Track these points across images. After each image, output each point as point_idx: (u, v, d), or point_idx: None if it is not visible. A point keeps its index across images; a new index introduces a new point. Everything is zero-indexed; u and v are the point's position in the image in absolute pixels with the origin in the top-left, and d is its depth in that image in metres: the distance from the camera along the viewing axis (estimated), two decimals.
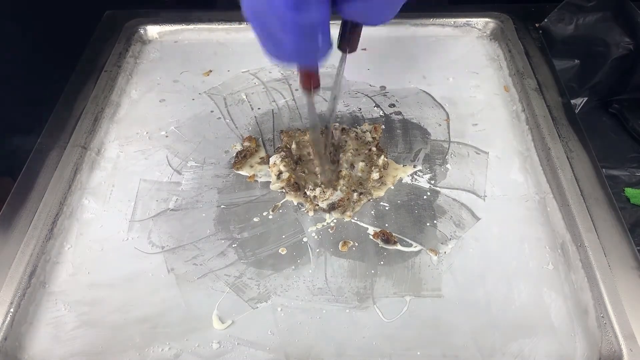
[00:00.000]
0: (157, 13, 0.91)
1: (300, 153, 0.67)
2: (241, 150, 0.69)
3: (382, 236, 0.60)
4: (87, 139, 0.69)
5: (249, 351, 0.51)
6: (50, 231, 0.59)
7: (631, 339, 0.49)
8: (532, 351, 0.51)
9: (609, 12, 0.82)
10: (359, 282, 0.56)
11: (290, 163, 0.65)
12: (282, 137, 0.70)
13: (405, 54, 0.85)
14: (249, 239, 0.61)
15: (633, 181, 0.79)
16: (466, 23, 0.89)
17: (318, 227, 0.62)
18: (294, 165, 0.65)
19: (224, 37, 0.89)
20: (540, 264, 0.58)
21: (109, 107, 0.75)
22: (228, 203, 0.64)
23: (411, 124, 0.74)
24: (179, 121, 0.75)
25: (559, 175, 0.63)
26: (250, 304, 0.55)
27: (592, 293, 0.53)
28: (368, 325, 0.53)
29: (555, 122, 0.70)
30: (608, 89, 0.88)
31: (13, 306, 0.53)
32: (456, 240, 0.60)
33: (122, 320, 0.54)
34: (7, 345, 0.51)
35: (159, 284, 0.56)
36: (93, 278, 0.57)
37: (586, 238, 0.56)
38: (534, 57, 0.80)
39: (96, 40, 0.86)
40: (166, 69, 0.84)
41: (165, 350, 0.51)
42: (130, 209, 0.63)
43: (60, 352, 0.51)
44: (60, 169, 0.65)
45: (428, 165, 0.68)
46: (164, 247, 0.60)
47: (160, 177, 0.67)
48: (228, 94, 0.80)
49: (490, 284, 0.56)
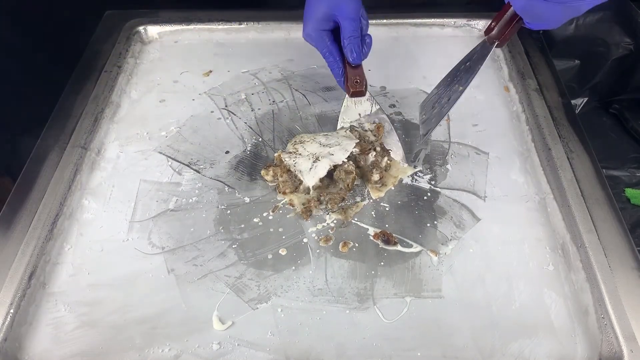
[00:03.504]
0: (157, 13, 0.90)
1: None
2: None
3: (383, 237, 0.60)
4: (87, 139, 0.69)
5: (249, 352, 0.51)
6: (50, 232, 0.59)
7: (632, 339, 0.49)
8: (533, 352, 0.51)
9: (609, 12, 0.82)
10: (359, 282, 0.56)
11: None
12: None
13: (405, 54, 0.85)
14: (249, 239, 0.61)
15: (633, 181, 0.80)
16: (466, 23, 0.89)
17: (318, 227, 0.62)
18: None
19: (224, 37, 0.89)
20: (541, 264, 0.58)
21: (109, 108, 0.75)
22: (228, 204, 0.64)
23: (411, 124, 0.74)
24: (179, 121, 0.75)
25: (560, 175, 0.63)
26: (250, 305, 0.55)
27: (592, 294, 0.53)
28: (368, 326, 0.53)
29: (555, 122, 0.70)
30: (608, 89, 0.88)
31: (13, 307, 0.52)
32: (456, 240, 0.60)
33: (122, 321, 0.53)
34: (7, 346, 0.51)
35: (159, 284, 0.56)
36: (93, 279, 0.57)
37: (586, 238, 0.56)
38: (534, 57, 0.80)
39: (96, 40, 0.86)
40: (166, 69, 0.84)
41: (165, 351, 0.51)
42: (130, 210, 0.63)
43: (60, 353, 0.51)
44: (60, 169, 0.65)
45: (428, 165, 0.68)
46: (164, 248, 0.60)
47: (160, 178, 0.67)
48: (228, 94, 0.80)
49: (490, 284, 0.56)
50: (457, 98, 0.58)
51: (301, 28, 0.63)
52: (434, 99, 0.62)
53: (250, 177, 0.67)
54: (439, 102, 0.60)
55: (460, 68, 0.59)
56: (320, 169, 0.62)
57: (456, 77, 0.59)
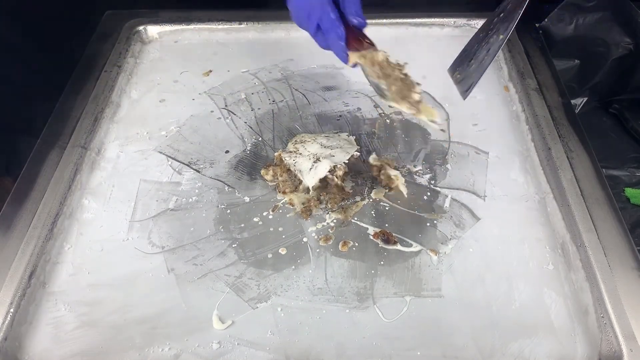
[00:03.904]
0: (157, 13, 0.91)
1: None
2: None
3: (382, 236, 0.60)
4: (87, 139, 0.69)
5: (249, 351, 0.51)
6: (50, 231, 0.59)
7: (631, 339, 0.49)
8: (532, 351, 0.51)
9: (609, 12, 0.81)
10: (359, 282, 0.56)
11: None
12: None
13: (405, 54, 0.85)
14: (249, 239, 0.61)
15: (633, 181, 0.79)
16: (466, 23, 0.89)
17: (318, 227, 0.62)
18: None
19: (224, 37, 0.89)
20: (541, 264, 0.58)
21: (109, 107, 0.75)
22: (228, 203, 0.64)
23: (411, 124, 0.74)
24: (179, 121, 0.75)
25: (559, 175, 0.63)
26: (250, 304, 0.55)
27: (592, 293, 0.53)
28: (368, 325, 0.53)
29: (555, 122, 0.70)
30: (608, 89, 0.88)
31: (13, 306, 0.52)
32: (456, 240, 0.60)
33: (122, 321, 0.53)
34: (7, 346, 0.51)
35: (159, 284, 0.56)
36: (93, 278, 0.57)
37: (586, 238, 0.56)
38: (534, 57, 0.80)
39: (96, 40, 0.86)
40: (166, 69, 0.84)
41: (165, 351, 0.51)
42: (130, 209, 0.63)
43: (60, 352, 0.51)
44: (60, 169, 0.65)
45: (428, 165, 0.68)
46: (164, 247, 0.60)
47: (160, 177, 0.67)
48: (228, 94, 0.80)
49: (490, 284, 0.56)
50: (499, 48, 0.54)
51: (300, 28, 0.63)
52: (468, 56, 0.57)
53: (250, 177, 0.67)
54: (475, 57, 0.56)
55: (494, 20, 0.56)
56: (320, 170, 0.62)
57: (491, 30, 0.56)
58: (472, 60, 0.56)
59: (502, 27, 0.55)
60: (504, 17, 0.55)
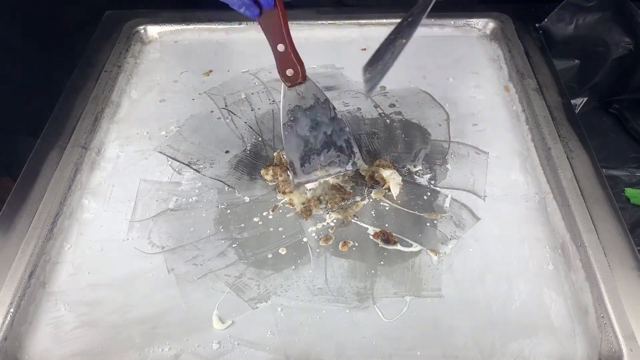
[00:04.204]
0: (157, 13, 0.91)
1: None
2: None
3: (382, 236, 0.60)
4: (87, 139, 0.69)
5: (249, 351, 0.51)
6: (50, 231, 0.59)
7: (631, 339, 0.49)
8: (532, 351, 0.51)
9: (609, 12, 0.81)
10: (359, 282, 0.56)
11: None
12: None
13: (405, 54, 0.85)
14: (249, 239, 0.61)
15: (633, 181, 0.80)
16: (466, 23, 0.89)
17: (318, 227, 0.62)
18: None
19: (224, 37, 0.89)
20: (541, 264, 0.58)
21: (109, 107, 0.75)
22: (228, 203, 0.64)
23: (411, 124, 0.74)
24: (179, 121, 0.75)
25: (559, 175, 0.63)
26: (250, 304, 0.55)
27: (592, 293, 0.53)
28: (368, 325, 0.53)
29: (555, 122, 0.70)
30: (608, 89, 0.88)
31: (13, 306, 0.52)
32: (456, 240, 0.60)
33: (122, 321, 0.53)
34: (7, 346, 0.51)
35: (159, 284, 0.56)
36: (93, 278, 0.57)
37: (586, 238, 0.56)
38: (534, 57, 0.80)
39: (96, 40, 0.86)
40: (166, 69, 0.84)
41: (165, 351, 0.51)
42: (130, 209, 0.63)
43: (60, 352, 0.51)
44: (60, 169, 0.65)
45: (428, 165, 0.68)
46: (164, 247, 0.60)
47: (160, 177, 0.67)
48: (228, 94, 0.80)
49: (490, 284, 0.56)
50: (400, 52, 0.57)
51: (300, 28, 0.63)
52: (377, 57, 0.60)
53: (250, 177, 0.67)
54: (382, 59, 0.59)
55: (403, 24, 0.59)
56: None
57: (399, 33, 0.59)
58: (380, 61, 0.59)
59: (406, 31, 0.57)
60: (410, 22, 0.57)
